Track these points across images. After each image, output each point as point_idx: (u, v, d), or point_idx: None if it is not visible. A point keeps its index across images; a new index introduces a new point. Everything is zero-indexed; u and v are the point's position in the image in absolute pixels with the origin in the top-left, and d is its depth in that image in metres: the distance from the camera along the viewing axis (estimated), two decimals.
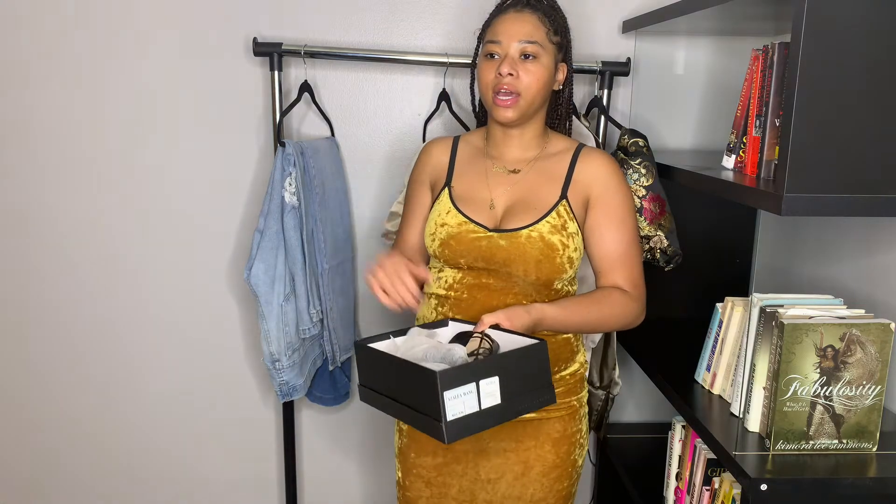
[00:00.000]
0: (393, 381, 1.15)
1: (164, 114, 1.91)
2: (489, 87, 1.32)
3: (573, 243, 1.33)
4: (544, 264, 1.31)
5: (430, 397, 1.04)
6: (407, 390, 1.11)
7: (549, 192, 1.36)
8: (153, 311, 2.03)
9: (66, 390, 2.07)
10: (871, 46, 1.07)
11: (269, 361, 1.78)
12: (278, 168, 1.72)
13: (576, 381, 1.43)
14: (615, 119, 1.81)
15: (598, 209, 1.36)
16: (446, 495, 1.43)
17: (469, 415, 1.05)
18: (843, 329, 1.20)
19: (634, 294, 1.36)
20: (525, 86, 1.30)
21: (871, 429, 1.24)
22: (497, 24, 1.34)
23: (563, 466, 1.42)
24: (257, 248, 1.74)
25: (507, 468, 1.40)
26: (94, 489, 2.14)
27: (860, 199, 1.10)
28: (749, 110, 1.36)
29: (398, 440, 1.49)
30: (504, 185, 1.38)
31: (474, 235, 1.34)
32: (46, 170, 1.92)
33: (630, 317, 1.35)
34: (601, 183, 1.36)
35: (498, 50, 1.32)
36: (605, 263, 1.36)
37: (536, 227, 1.32)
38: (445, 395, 1.02)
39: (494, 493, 1.41)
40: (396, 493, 1.52)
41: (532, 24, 1.31)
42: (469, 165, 1.43)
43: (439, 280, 1.39)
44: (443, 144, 1.48)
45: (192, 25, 1.86)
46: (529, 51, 1.30)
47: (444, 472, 1.42)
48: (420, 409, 1.08)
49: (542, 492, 1.41)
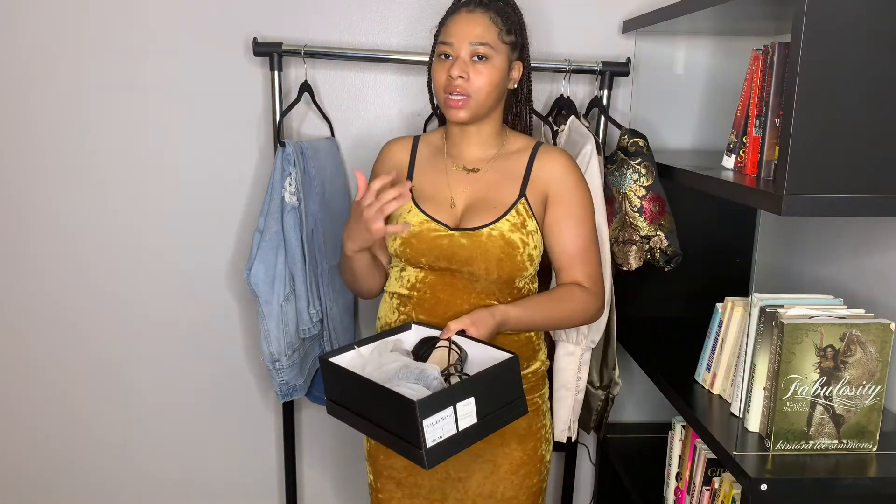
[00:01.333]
0: (366, 401, 1.14)
1: (164, 113, 1.91)
2: (441, 87, 1.33)
3: (532, 241, 1.34)
4: (505, 262, 1.32)
5: (408, 424, 1.03)
6: (381, 413, 1.10)
7: (508, 191, 1.36)
8: (153, 310, 2.03)
9: (64, 389, 2.07)
10: (871, 46, 1.07)
11: (269, 361, 1.78)
12: (278, 168, 1.72)
13: (537, 378, 1.45)
14: (615, 119, 1.81)
15: (556, 206, 1.36)
16: (418, 495, 1.44)
17: (447, 438, 1.05)
18: (843, 329, 1.20)
19: (594, 290, 1.38)
20: (476, 88, 1.30)
21: (871, 429, 1.24)
22: (450, 23, 1.33)
23: (531, 463, 1.43)
24: (257, 248, 1.74)
25: (476, 467, 1.41)
26: (94, 489, 2.14)
27: (860, 199, 1.10)
28: (749, 110, 1.36)
29: (367, 443, 1.50)
30: (464, 183, 1.39)
31: (436, 234, 1.34)
32: (46, 169, 1.92)
33: (590, 312, 1.38)
34: (559, 181, 1.37)
35: (450, 51, 1.31)
36: (564, 260, 1.38)
37: (497, 226, 1.32)
38: (424, 422, 1.02)
39: (465, 492, 1.42)
40: (369, 496, 1.53)
41: (483, 26, 1.31)
42: (429, 164, 1.43)
43: (401, 279, 1.40)
44: (402, 144, 1.48)
45: (192, 25, 1.86)
46: (480, 52, 1.30)
47: (415, 472, 1.43)
48: (396, 432, 1.08)
49: (512, 490, 1.42)
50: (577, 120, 1.71)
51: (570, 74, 1.80)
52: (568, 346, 1.66)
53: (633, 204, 1.64)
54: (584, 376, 1.71)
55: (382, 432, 1.11)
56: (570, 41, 1.90)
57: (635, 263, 1.68)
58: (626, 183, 1.65)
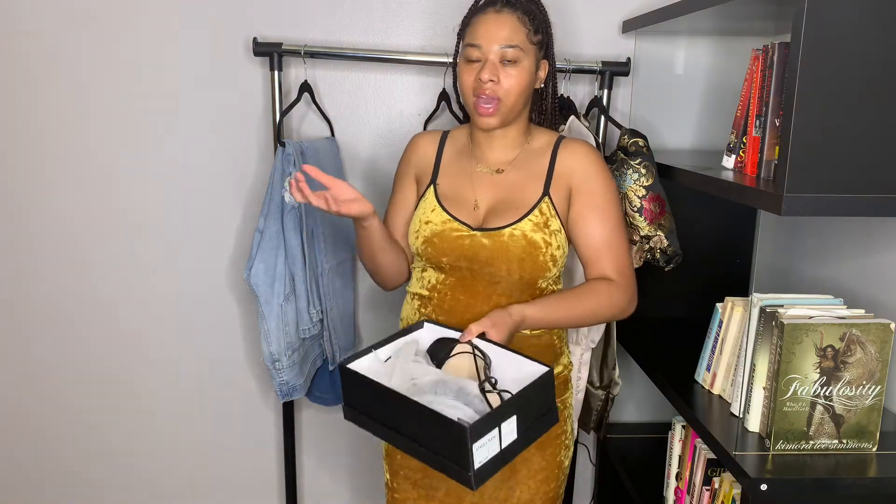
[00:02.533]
0: (398, 415, 1.11)
1: (165, 114, 1.91)
2: (470, 91, 1.31)
3: (556, 241, 1.32)
4: (527, 263, 1.30)
5: (455, 446, 1.02)
6: (420, 429, 1.08)
7: (531, 190, 1.35)
8: (153, 310, 2.03)
9: (64, 389, 2.07)
10: (871, 46, 1.07)
11: (269, 361, 1.78)
12: (278, 168, 1.72)
13: (560, 382, 1.43)
14: (615, 119, 1.81)
15: (580, 198, 1.34)
16: (434, 497, 1.43)
17: (492, 457, 1.04)
18: (843, 329, 1.20)
19: (622, 283, 1.33)
20: (505, 91, 1.28)
21: (871, 429, 1.24)
22: (477, 24, 1.30)
23: (550, 469, 1.42)
24: (257, 248, 1.74)
25: None
26: (94, 488, 2.14)
27: (860, 199, 1.10)
28: (749, 110, 1.36)
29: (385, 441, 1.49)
30: (488, 185, 1.38)
31: (457, 234, 1.33)
32: (46, 170, 1.92)
33: (618, 307, 1.32)
34: (581, 172, 1.35)
35: (478, 54, 1.28)
36: (590, 252, 1.34)
37: (519, 226, 1.31)
38: (474, 446, 1.00)
39: (481, 496, 1.41)
40: (385, 495, 1.52)
41: (511, 27, 1.28)
42: (454, 165, 1.42)
43: (422, 280, 1.39)
44: (430, 138, 1.47)
45: (193, 25, 1.86)
46: (510, 56, 1.27)
47: (431, 474, 1.42)
48: (439, 451, 1.06)
49: (528, 494, 1.41)
50: (577, 120, 1.71)
51: (570, 74, 1.80)
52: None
53: (633, 204, 1.64)
54: (584, 376, 1.71)
55: (418, 447, 1.09)
56: (570, 41, 1.90)
57: (635, 263, 1.68)
58: (626, 183, 1.65)
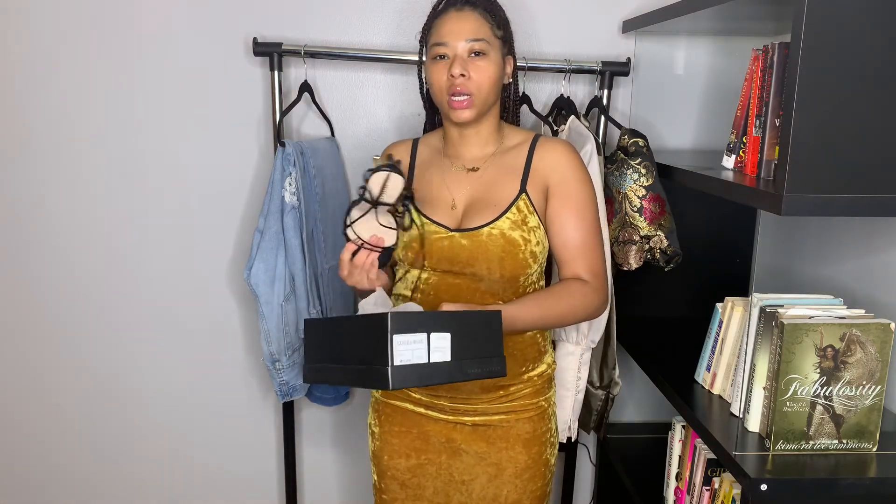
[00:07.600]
0: (340, 342, 1.11)
1: (164, 114, 1.91)
2: (443, 89, 1.31)
3: (535, 237, 1.33)
4: (507, 261, 1.31)
5: (378, 344, 1.01)
6: (354, 347, 1.08)
7: (508, 188, 1.35)
8: (153, 310, 2.03)
9: (64, 389, 2.07)
10: (871, 46, 1.07)
11: (269, 361, 1.78)
12: (278, 168, 1.72)
13: (543, 381, 1.43)
14: (615, 119, 1.81)
15: (557, 198, 1.34)
16: (422, 497, 1.44)
17: (416, 364, 1.03)
18: (843, 329, 1.20)
19: (595, 284, 1.33)
20: (477, 84, 1.29)
21: (871, 429, 1.24)
22: (440, 25, 1.32)
23: (536, 467, 1.42)
24: (257, 248, 1.74)
25: (480, 470, 1.40)
26: (94, 488, 2.14)
27: (860, 199, 1.10)
28: (749, 110, 1.36)
29: (371, 443, 1.49)
30: (464, 184, 1.38)
31: (437, 236, 1.33)
32: (46, 170, 1.92)
33: (591, 308, 1.33)
34: (559, 171, 1.35)
35: (446, 51, 1.30)
36: (565, 253, 1.34)
37: (497, 224, 1.31)
38: (395, 338, 1.00)
39: (469, 495, 1.41)
40: (374, 497, 1.52)
41: (475, 22, 1.30)
42: (428, 167, 1.42)
43: (405, 280, 1.39)
44: (403, 147, 1.48)
45: (192, 25, 1.86)
46: (477, 48, 1.29)
47: (418, 473, 1.43)
48: (366, 361, 1.05)
49: (515, 493, 1.41)
50: (577, 120, 1.71)
51: (570, 74, 1.80)
52: (568, 346, 1.66)
53: (633, 204, 1.64)
54: (584, 376, 1.71)
55: (353, 370, 1.08)
56: (571, 41, 1.90)
57: (635, 263, 1.68)
58: (626, 183, 1.65)
